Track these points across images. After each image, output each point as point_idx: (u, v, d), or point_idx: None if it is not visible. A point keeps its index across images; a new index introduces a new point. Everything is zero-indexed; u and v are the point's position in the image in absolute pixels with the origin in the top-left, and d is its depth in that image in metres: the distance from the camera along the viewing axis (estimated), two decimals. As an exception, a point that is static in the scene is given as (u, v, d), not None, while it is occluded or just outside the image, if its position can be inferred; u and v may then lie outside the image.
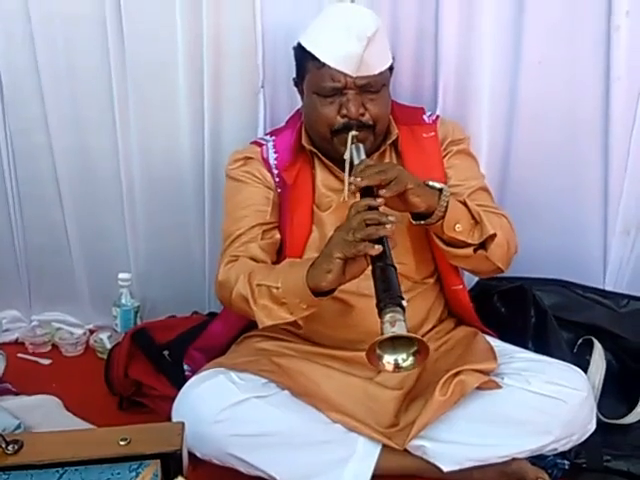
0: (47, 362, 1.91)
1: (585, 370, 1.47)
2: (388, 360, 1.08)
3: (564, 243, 1.80)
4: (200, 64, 1.72)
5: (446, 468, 1.33)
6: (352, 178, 1.24)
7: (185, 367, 1.62)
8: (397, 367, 1.09)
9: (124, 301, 1.89)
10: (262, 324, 1.32)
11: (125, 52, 1.74)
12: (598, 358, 1.56)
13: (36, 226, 1.95)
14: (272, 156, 1.50)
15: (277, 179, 1.48)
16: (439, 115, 1.57)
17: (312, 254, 1.37)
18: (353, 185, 1.24)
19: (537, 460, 1.39)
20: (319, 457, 1.31)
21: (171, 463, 0.97)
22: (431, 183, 1.33)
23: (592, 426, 1.37)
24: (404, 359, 1.08)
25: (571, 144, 1.73)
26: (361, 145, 1.36)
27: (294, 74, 1.47)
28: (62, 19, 1.74)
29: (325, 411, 1.33)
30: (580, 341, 1.60)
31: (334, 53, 1.35)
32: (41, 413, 1.59)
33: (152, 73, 1.76)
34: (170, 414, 1.34)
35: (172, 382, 1.60)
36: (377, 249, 1.14)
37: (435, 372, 1.36)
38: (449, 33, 1.65)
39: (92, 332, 2.00)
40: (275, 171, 1.48)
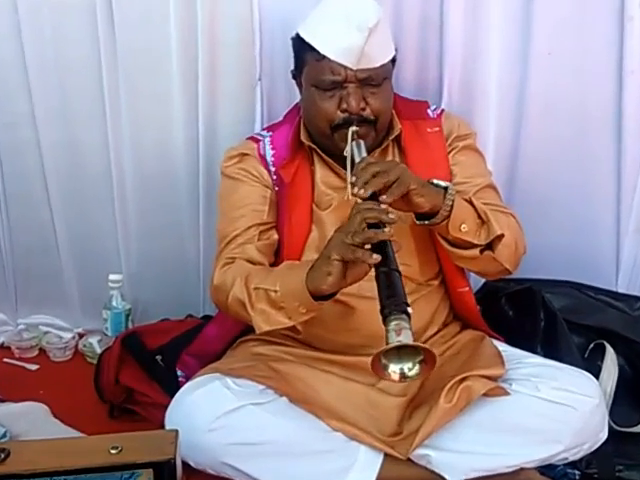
0: (34, 367, 1.91)
1: (597, 376, 1.47)
2: (394, 369, 1.09)
3: (575, 243, 1.81)
4: (194, 55, 1.73)
5: (451, 478, 1.33)
6: (356, 189, 1.23)
7: (178, 373, 1.62)
8: (403, 376, 1.09)
9: (115, 304, 1.89)
10: (259, 329, 1.32)
11: (116, 42, 1.74)
12: (610, 363, 1.56)
13: (23, 225, 1.96)
14: (269, 153, 1.50)
15: (274, 177, 1.48)
16: (444, 109, 1.58)
17: (311, 255, 1.37)
18: (358, 198, 1.23)
19: (546, 470, 1.39)
20: (318, 467, 1.31)
21: (164, 473, 0.98)
22: (435, 181, 1.33)
23: (604, 434, 1.37)
24: (410, 368, 1.09)
25: (582, 139, 1.74)
26: (362, 142, 1.36)
27: (292, 66, 1.47)
28: (50, 8, 1.74)
29: (325, 419, 1.33)
30: (591, 346, 1.60)
31: (334, 45, 1.35)
32: (28, 421, 1.60)
33: (144, 64, 1.77)
34: (163, 422, 1.34)
35: (165, 389, 1.60)
36: (375, 258, 1.14)
37: (440, 378, 1.35)
38: (455, 23, 1.66)
39: (81, 336, 2.00)
40: (272, 168, 1.48)
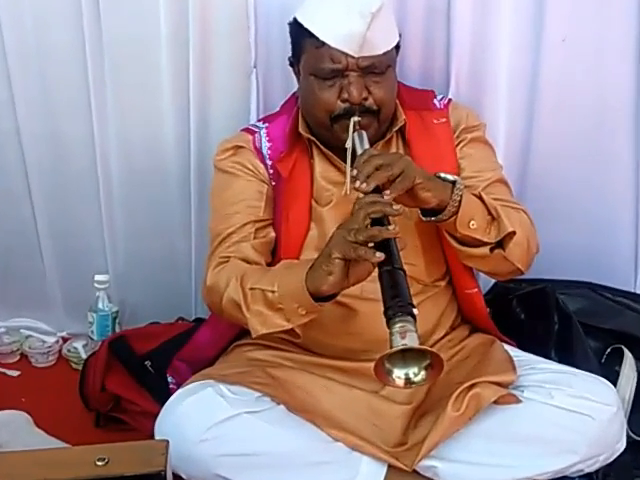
0: (15, 374, 1.91)
1: (614, 383, 1.48)
2: (398, 375, 1.08)
3: (590, 241, 1.81)
4: (185, 42, 1.72)
5: (459, 491, 1.33)
6: (357, 183, 1.23)
7: (169, 379, 1.61)
8: (408, 382, 1.08)
9: (101, 306, 1.88)
10: (256, 332, 1.31)
11: (101, 28, 1.74)
12: (629, 369, 1.56)
13: (2, 222, 1.95)
14: (265, 145, 1.49)
15: (271, 171, 1.48)
16: (451, 99, 1.57)
17: (310, 254, 1.36)
18: (360, 192, 1.23)
19: (561, 483, 1.39)
20: (318, 479, 1.30)
21: (154, 486, 0.97)
22: (443, 175, 1.32)
23: (622, 445, 1.36)
24: (415, 373, 1.08)
25: (598, 132, 1.74)
26: (364, 132, 1.36)
27: (290, 53, 1.46)
28: (31, -8, 1.74)
29: (325, 428, 1.32)
30: (609, 350, 1.60)
31: (334, 31, 1.34)
32: (9, 431, 1.59)
33: (132, 52, 1.76)
34: (152, 431, 1.34)
35: (154, 396, 1.60)
36: (379, 257, 1.13)
37: (447, 385, 1.35)
38: (462, 8, 1.65)
39: (65, 340, 2.00)
40: (268, 162, 1.48)
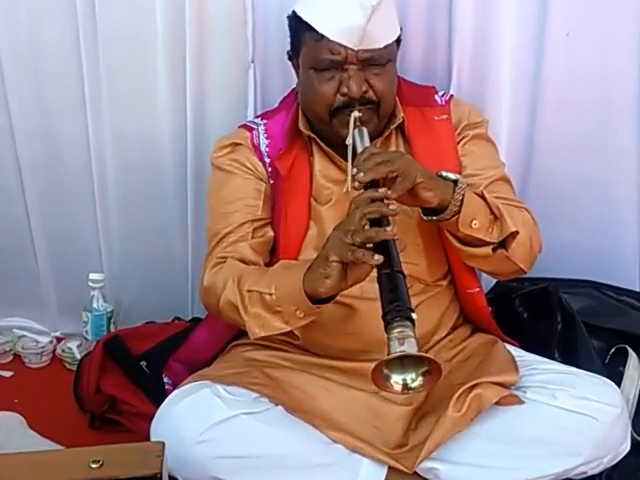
0: (8, 374, 1.91)
1: (618, 383, 1.48)
2: (396, 380, 1.09)
3: (594, 240, 1.81)
4: (182, 37, 1.72)
5: (461, 494, 1.33)
6: (354, 170, 1.24)
7: (165, 380, 1.62)
8: (406, 387, 1.09)
9: (96, 305, 1.88)
10: (254, 335, 1.31)
11: (96, 25, 1.74)
12: (633, 369, 1.56)
13: (-5, 222, 1.95)
14: (264, 142, 1.49)
15: (269, 169, 1.48)
16: (453, 95, 1.57)
17: (309, 253, 1.36)
18: (357, 181, 1.23)
19: (564, 485, 1.39)
20: (317, 482, 1.31)
21: (149, 488, 0.97)
22: (444, 174, 1.32)
23: (626, 446, 1.36)
24: (413, 379, 1.09)
25: (603, 130, 1.74)
26: (364, 129, 1.36)
27: (289, 47, 1.47)
28: (24, -13, 1.74)
29: (324, 429, 1.33)
30: (613, 350, 1.60)
31: (334, 24, 1.34)
32: (1, 432, 1.60)
33: (127, 48, 1.76)
34: (148, 433, 1.34)
35: (150, 397, 1.60)
36: (377, 259, 1.13)
37: (449, 385, 1.35)
38: (465, 2, 1.65)
39: (59, 340, 2.00)
40: (267, 159, 1.48)
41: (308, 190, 1.46)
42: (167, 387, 1.59)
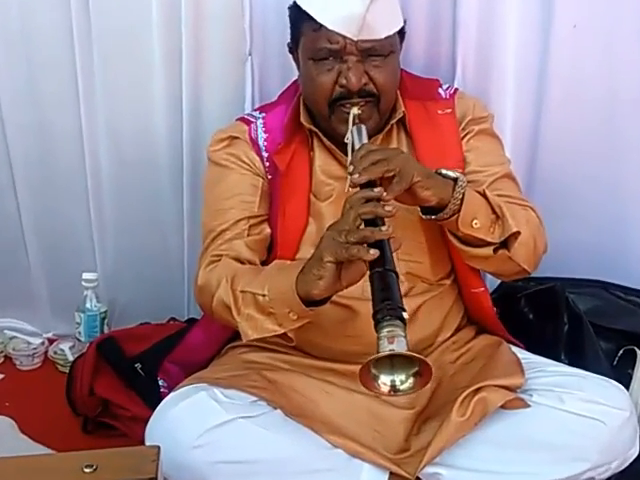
0: (-1, 377, 1.91)
1: (627, 386, 1.47)
2: (384, 381, 1.08)
3: (602, 238, 1.81)
4: (177, 28, 1.72)
5: (464, 499, 1.33)
6: (351, 168, 1.23)
7: (160, 383, 1.61)
8: (394, 389, 1.08)
9: (89, 305, 1.88)
10: (246, 337, 1.31)
11: (90, 15, 1.74)
12: (642, 372, 1.56)
13: (-15, 218, 1.95)
14: (261, 136, 1.49)
15: (267, 163, 1.47)
16: (457, 89, 1.57)
17: (308, 250, 1.35)
18: (352, 182, 1.23)
19: (570, 491, 1.39)
20: (317, 488, 1.31)
21: (144, 494, 0.97)
22: (444, 172, 1.32)
23: (635, 451, 1.36)
24: (402, 381, 1.08)
25: (610, 125, 1.73)
26: (363, 126, 1.35)
27: (288, 39, 1.46)
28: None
29: (324, 434, 1.32)
30: (621, 352, 1.60)
31: (332, 13, 1.34)
32: (-9, 436, 1.60)
33: (122, 39, 1.76)
34: (143, 437, 1.33)
35: (145, 400, 1.60)
36: (373, 254, 1.13)
37: (452, 388, 1.35)
38: (469, -7, 1.65)
39: (51, 342, 2.00)
40: (265, 154, 1.47)
41: (307, 186, 1.45)
42: (162, 390, 1.59)
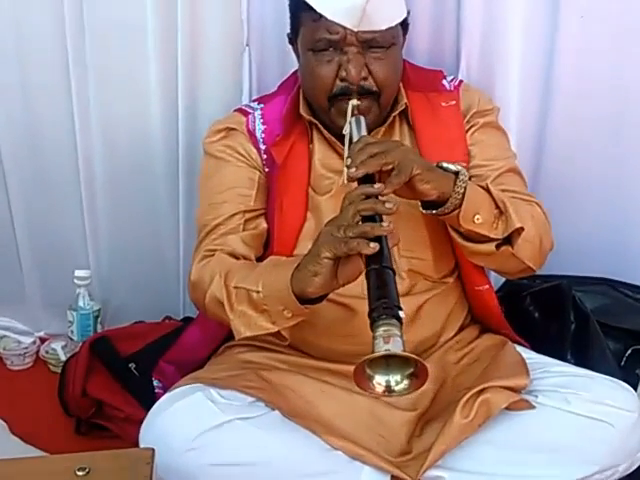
0: (-11, 377, 1.91)
1: (635, 387, 1.47)
2: (379, 381, 1.07)
3: (609, 235, 1.81)
4: (173, 18, 1.72)
5: (468, 503, 1.33)
6: (349, 161, 1.23)
7: (155, 383, 1.62)
8: (388, 390, 1.08)
9: (82, 304, 1.89)
10: (239, 335, 1.31)
11: (83, 5, 1.73)
12: (650, 372, 1.57)
13: (-26, 214, 1.95)
14: (259, 128, 1.49)
15: (264, 156, 1.47)
16: (462, 80, 1.57)
17: (306, 246, 1.34)
18: (349, 176, 1.23)
19: (576, 495, 1.39)
20: (316, 491, 1.31)
21: (139, 497, 0.97)
22: (445, 165, 1.31)
23: (643, 454, 1.37)
24: (397, 381, 1.07)
25: (619, 118, 1.73)
26: (362, 118, 1.35)
27: (287, 29, 1.46)
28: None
29: (323, 435, 1.32)
30: (629, 352, 1.61)
31: (332, 3, 1.34)
32: (-19, 438, 1.59)
33: (115, 30, 1.76)
34: (137, 439, 1.33)
35: (139, 401, 1.60)
36: (372, 247, 1.12)
37: (455, 389, 1.35)
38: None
39: (43, 341, 2.00)
40: (262, 146, 1.47)
41: (306, 179, 1.45)
42: (157, 390, 1.59)
